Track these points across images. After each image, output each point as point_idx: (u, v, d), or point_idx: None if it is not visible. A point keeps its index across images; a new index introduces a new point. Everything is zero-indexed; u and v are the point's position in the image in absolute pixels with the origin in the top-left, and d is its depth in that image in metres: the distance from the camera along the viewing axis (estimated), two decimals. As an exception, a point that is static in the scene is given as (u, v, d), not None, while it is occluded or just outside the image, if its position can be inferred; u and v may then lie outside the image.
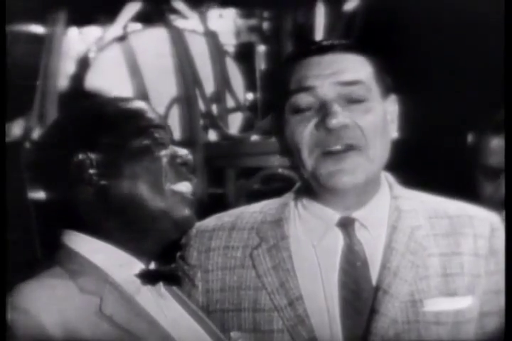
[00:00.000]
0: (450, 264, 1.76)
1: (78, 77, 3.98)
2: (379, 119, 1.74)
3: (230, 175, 4.02)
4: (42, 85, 3.71)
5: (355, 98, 1.73)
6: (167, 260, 1.67)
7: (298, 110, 1.74)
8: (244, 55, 4.14)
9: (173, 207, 1.56)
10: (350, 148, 1.71)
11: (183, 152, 1.61)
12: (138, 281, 1.55)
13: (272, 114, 1.86)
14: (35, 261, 1.58)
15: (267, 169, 3.87)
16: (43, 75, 3.73)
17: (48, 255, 1.56)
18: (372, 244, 1.76)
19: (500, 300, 1.77)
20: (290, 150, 1.77)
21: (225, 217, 1.86)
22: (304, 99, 1.73)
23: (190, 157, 1.62)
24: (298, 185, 1.85)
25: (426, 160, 3.22)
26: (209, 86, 4.06)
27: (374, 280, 1.74)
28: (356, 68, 1.75)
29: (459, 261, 1.76)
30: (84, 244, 1.55)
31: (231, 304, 1.76)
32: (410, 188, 1.86)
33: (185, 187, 1.59)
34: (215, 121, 4.05)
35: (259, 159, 3.90)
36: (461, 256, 1.77)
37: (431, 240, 1.77)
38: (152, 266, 1.59)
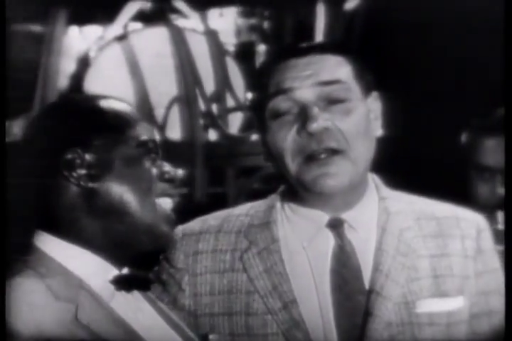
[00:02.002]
0: (439, 265, 1.76)
1: (78, 77, 3.98)
2: (361, 120, 1.72)
3: (230, 175, 4.03)
4: (42, 84, 3.71)
5: (335, 98, 1.71)
6: (141, 264, 1.63)
7: (277, 114, 1.72)
8: (245, 54, 4.14)
9: (157, 222, 1.52)
10: (332, 152, 1.70)
11: (170, 168, 1.56)
12: (112, 287, 1.52)
13: (255, 119, 1.84)
14: (5, 263, 1.53)
15: (267, 168, 3.87)
16: (43, 74, 3.74)
17: (18, 257, 1.51)
18: (363, 245, 1.75)
19: (489, 302, 1.77)
20: (273, 156, 1.75)
21: (211, 220, 1.83)
22: (282, 103, 1.71)
23: (178, 173, 1.57)
24: (282, 187, 1.83)
25: (416, 160, 3.22)
26: (209, 85, 4.06)
27: (366, 282, 1.73)
28: (334, 68, 1.73)
29: (448, 263, 1.76)
30: (59, 249, 1.49)
31: (221, 308, 1.74)
32: (397, 189, 1.86)
33: (166, 203, 1.56)
34: (215, 121, 4.05)
35: (259, 159, 3.86)
36: (450, 257, 1.77)
37: (420, 241, 1.76)
38: (125, 270, 1.55)
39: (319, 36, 3.89)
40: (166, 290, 1.76)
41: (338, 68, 1.74)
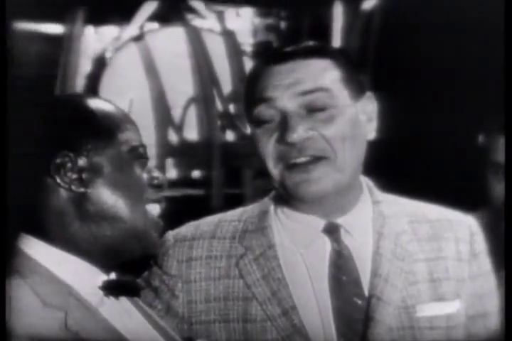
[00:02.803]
0: (436, 269, 1.76)
1: (94, 77, 3.98)
2: (346, 125, 1.70)
3: (248, 176, 4.02)
4: (60, 85, 3.71)
5: (318, 106, 1.69)
6: (129, 269, 1.61)
7: (260, 122, 1.72)
8: (262, 54, 4.13)
9: (147, 228, 1.51)
10: (315, 159, 1.69)
11: (158, 174, 1.55)
12: (101, 293, 1.49)
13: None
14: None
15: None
16: (62, 75, 3.74)
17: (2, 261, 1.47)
18: (359, 250, 1.75)
19: (484, 304, 1.78)
20: (261, 161, 1.75)
21: (203, 226, 1.82)
22: (265, 111, 1.71)
23: (165, 179, 1.55)
24: (274, 191, 1.82)
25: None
26: (226, 85, 4.06)
27: (365, 287, 1.73)
28: (318, 75, 1.71)
29: (444, 266, 1.76)
30: (46, 254, 1.46)
31: (217, 315, 1.73)
32: (388, 192, 1.85)
33: (155, 209, 1.54)
34: (233, 121, 4.05)
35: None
36: (446, 260, 1.77)
37: (415, 245, 1.76)
38: (113, 276, 1.53)
39: (337, 36, 3.88)
40: (159, 297, 1.75)
41: (322, 74, 1.71)
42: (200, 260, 1.77)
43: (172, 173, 4.02)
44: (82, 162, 1.47)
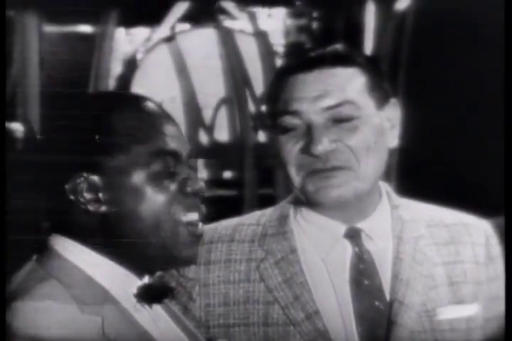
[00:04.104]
0: (454, 273, 1.77)
1: (126, 78, 3.99)
2: (370, 134, 1.71)
3: (280, 176, 4.02)
4: (93, 86, 3.72)
5: (343, 118, 1.70)
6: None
7: (285, 130, 1.72)
8: (294, 55, 4.12)
9: (177, 244, 1.45)
10: (338, 168, 1.69)
11: (195, 178, 1.47)
12: (135, 298, 1.47)
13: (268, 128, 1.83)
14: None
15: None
16: (95, 76, 3.76)
17: (37, 260, 1.44)
18: (380, 255, 1.75)
19: (500, 306, 1.79)
20: (282, 164, 1.75)
21: (221, 229, 1.82)
22: (289, 121, 1.71)
23: (202, 185, 1.48)
24: (293, 195, 1.81)
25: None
26: (258, 86, 4.06)
27: (386, 292, 1.73)
28: (344, 86, 1.70)
29: (462, 269, 1.77)
30: (80, 255, 1.43)
31: (237, 319, 1.73)
32: (405, 197, 1.86)
33: (194, 217, 1.47)
34: (265, 122, 4.04)
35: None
36: (463, 264, 1.78)
37: (433, 249, 1.77)
38: (146, 280, 1.50)
39: (369, 37, 3.87)
40: (176, 299, 1.74)
41: (349, 85, 1.71)
42: (219, 263, 1.77)
43: (203, 174, 4.02)
44: (97, 181, 1.42)
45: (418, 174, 2.98)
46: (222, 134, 4.08)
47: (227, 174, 4.11)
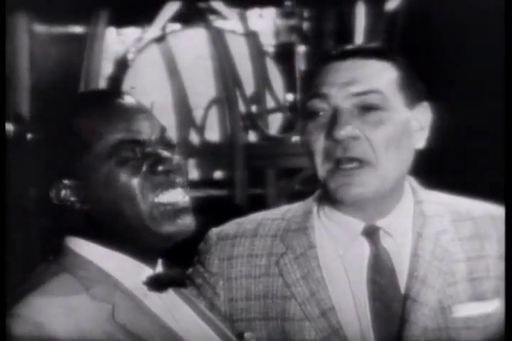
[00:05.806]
0: (476, 268, 1.75)
1: (117, 78, 3.99)
2: (394, 131, 1.71)
3: (271, 176, 4.02)
4: (84, 86, 3.72)
5: (370, 105, 1.70)
6: (174, 260, 1.61)
7: (313, 114, 1.73)
8: (284, 55, 4.13)
9: (153, 222, 1.49)
10: (359, 163, 1.69)
11: (166, 157, 1.50)
12: (146, 286, 1.52)
13: (297, 119, 1.85)
14: (35, 264, 1.53)
15: (308, 170, 3.85)
16: (85, 76, 3.75)
17: (53, 259, 1.51)
18: (398, 251, 1.75)
19: None
20: (308, 154, 1.75)
21: (246, 224, 1.83)
22: (318, 104, 1.72)
23: (176, 162, 1.52)
24: (319, 192, 1.82)
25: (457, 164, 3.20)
26: (249, 86, 4.06)
27: (402, 289, 1.73)
28: (373, 76, 1.72)
29: (485, 264, 1.75)
30: (92, 251, 1.50)
31: (257, 313, 1.75)
32: (435, 190, 1.84)
33: (173, 195, 1.51)
34: (255, 122, 4.05)
35: (299, 160, 3.87)
36: (487, 259, 1.76)
37: (456, 244, 1.76)
38: (159, 269, 1.55)
39: (359, 37, 3.88)
40: (201, 294, 1.76)
41: (379, 76, 1.72)
42: (242, 258, 1.78)
43: (194, 174, 4.02)
44: (73, 184, 1.49)
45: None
46: (213, 134, 4.08)
47: (218, 174, 4.11)
